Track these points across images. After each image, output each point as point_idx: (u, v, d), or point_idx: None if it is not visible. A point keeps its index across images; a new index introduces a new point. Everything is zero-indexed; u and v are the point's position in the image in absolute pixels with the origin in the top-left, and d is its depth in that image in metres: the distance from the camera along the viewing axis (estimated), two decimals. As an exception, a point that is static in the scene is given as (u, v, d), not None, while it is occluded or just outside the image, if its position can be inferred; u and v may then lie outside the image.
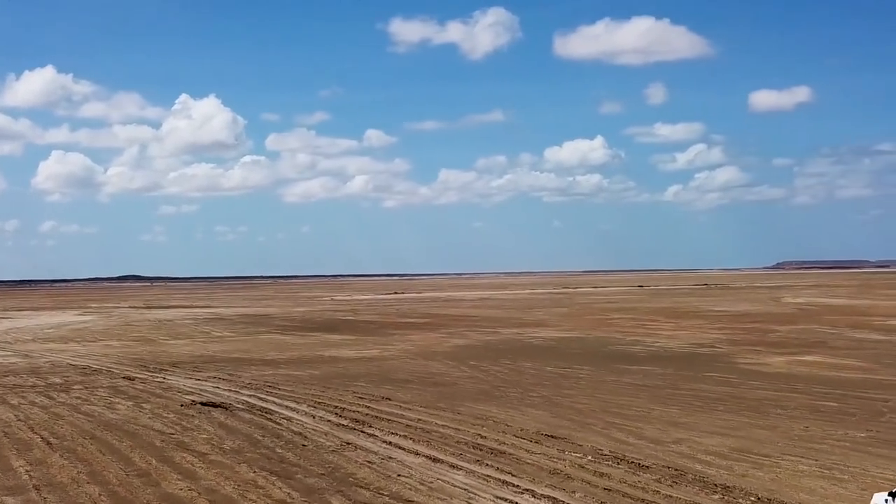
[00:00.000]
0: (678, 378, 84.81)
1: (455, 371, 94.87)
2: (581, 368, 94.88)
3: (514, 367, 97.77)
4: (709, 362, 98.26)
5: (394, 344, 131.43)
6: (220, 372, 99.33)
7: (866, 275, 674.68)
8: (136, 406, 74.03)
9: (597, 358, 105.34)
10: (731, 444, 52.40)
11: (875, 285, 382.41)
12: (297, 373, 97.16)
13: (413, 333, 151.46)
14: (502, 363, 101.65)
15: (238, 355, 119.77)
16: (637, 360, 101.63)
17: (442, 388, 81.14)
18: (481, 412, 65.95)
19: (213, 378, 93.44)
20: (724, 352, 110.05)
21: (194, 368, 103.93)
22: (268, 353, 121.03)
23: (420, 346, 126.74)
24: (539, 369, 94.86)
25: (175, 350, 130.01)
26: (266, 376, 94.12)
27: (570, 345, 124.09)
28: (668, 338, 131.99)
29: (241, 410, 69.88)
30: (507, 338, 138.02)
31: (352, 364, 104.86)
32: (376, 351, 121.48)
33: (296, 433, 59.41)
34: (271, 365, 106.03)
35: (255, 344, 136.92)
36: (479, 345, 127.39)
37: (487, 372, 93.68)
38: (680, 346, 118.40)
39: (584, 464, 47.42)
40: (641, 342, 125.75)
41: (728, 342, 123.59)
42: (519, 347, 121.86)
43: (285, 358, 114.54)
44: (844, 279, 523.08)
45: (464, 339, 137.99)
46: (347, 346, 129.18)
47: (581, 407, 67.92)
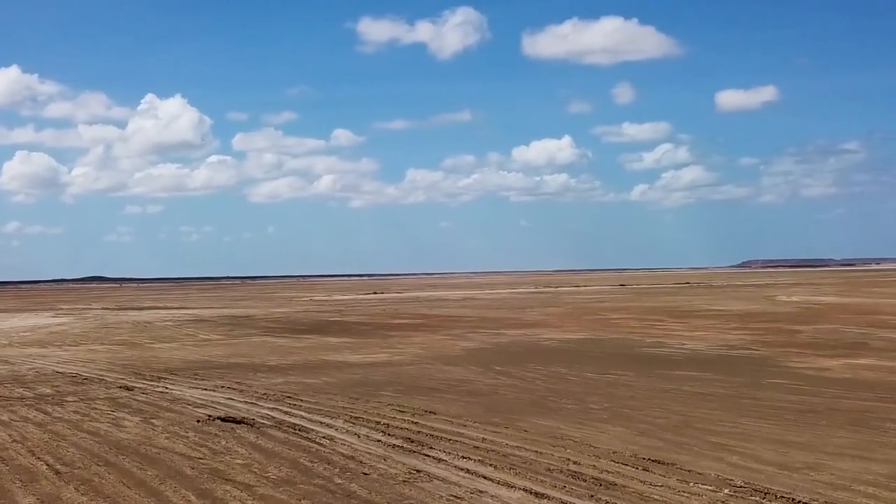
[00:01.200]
0: (739, 385, 76.76)
1: (485, 378, 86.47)
2: (624, 374, 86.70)
3: (548, 372, 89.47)
4: (758, 366, 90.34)
5: (399, 347, 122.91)
6: (225, 380, 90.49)
7: (843, 273, 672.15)
8: (145, 423, 65.06)
9: (631, 362, 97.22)
10: (880, 469, 44.15)
11: (857, 283, 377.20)
12: (310, 380, 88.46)
13: (413, 335, 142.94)
14: (531, 368, 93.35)
15: (236, 360, 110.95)
16: (677, 365, 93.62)
17: (483, 399, 72.70)
18: (550, 429, 57.48)
19: (220, 387, 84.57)
20: (764, 354, 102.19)
21: (195, 376, 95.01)
22: (268, 358, 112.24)
23: (429, 350, 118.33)
24: (578, 375, 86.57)
25: (166, 355, 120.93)
26: (278, 385, 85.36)
27: (589, 347, 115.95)
28: (689, 339, 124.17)
29: (270, 427, 61.08)
30: (516, 340, 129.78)
31: (365, 370, 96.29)
32: (384, 355, 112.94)
33: (347, 457, 50.70)
34: (277, 371, 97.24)
35: (250, 348, 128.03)
36: (491, 348, 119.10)
37: (522, 378, 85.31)
38: (711, 348, 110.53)
39: (725, 499, 38.93)
40: (665, 344, 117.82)
41: (760, 343, 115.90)
42: (536, 350, 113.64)
43: (289, 363, 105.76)
44: (822, 278, 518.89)
45: (471, 341, 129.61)
46: (350, 350, 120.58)
47: (661, 422, 59.55)
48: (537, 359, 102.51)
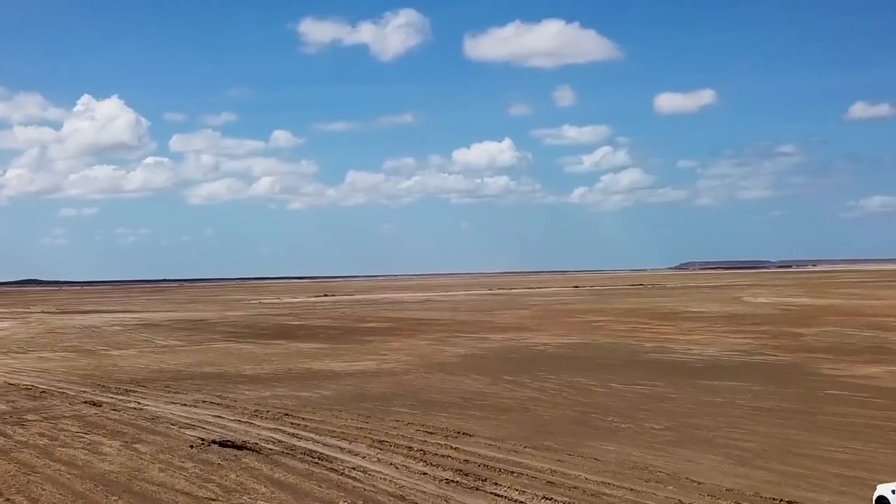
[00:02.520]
0: (797, 398, 68.18)
1: (501, 389, 77.06)
2: (655, 384, 77.77)
3: (567, 382, 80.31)
4: (797, 375, 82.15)
5: (382, 353, 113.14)
6: (204, 393, 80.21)
7: (793, 275, 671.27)
8: (128, 448, 54.76)
9: (651, 370, 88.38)
10: None
11: (815, 285, 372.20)
12: (302, 393, 78.42)
13: (391, 340, 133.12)
14: (545, 378, 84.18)
15: (208, 369, 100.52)
16: (704, 373, 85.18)
17: (516, 416, 63.26)
18: (623, 457, 48.15)
19: (202, 402, 74.31)
20: (791, 361, 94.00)
21: (167, 388, 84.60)
22: (242, 367, 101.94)
23: (418, 356, 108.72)
24: (604, 386, 77.46)
25: (126, 363, 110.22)
26: (268, 399, 75.26)
27: (591, 353, 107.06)
28: (693, 343, 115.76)
29: (281, 455, 51.07)
30: (507, 345, 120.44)
31: (359, 380, 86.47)
32: (370, 362, 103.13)
33: (396, 496, 41.05)
34: (260, 383, 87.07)
35: (218, 355, 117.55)
36: (485, 354, 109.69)
37: (542, 390, 76.02)
38: (726, 354, 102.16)
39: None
40: (670, 349, 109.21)
41: (773, 348, 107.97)
42: (537, 357, 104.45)
43: (269, 373, 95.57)
44: (772, 279, 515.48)
45: (459, 346, 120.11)
46: (330, 357, 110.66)
47: (751, 446, 50.61)
48: (545, 367, 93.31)
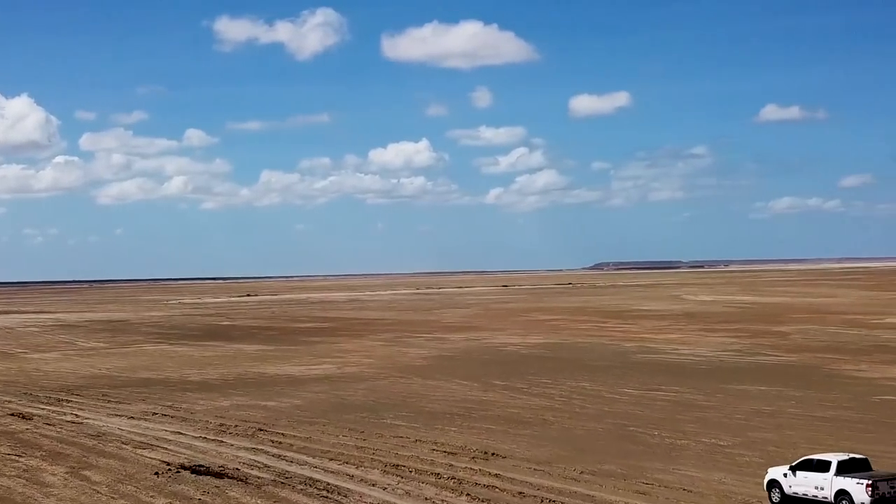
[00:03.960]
0: (857, 405, 59.75)
1: (499, 397, 67.10)
2: (671, 388, 68.77)
3: (572, 388, 70.59)
4: (821, 377, 74.49)
5: (338, 356, 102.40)
6: (151, 403, 68.67)
7: (718, 274, 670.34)
8: (76, 477, 43.37)
9: (652, 372, 79.41)
10: None
11: (746, 283, 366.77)
12: (268, 402, 67.22)
13: (339, 341, 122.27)
14: (542, 383, 74.57)
15: (145, 374, 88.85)
16: (716, 376, 77.06)
17: (540, 430, 53.22)
18: (717, 486, 38.74)
19: (152, 414, 62.84)
20: (802, 361, 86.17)
21: (104, 397, 72.95)
22: (185, 372, 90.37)
23: (379, 358, 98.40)
24: (617, 392, 68.09)
25: (51, 367, 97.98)
26: (229, 410, 64.08)
27: (573, 354, 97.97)
28: (675, 343, 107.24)
29: (275, 485, 40.22)
30: (471, 346, 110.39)
31: (327, 386, 75.82)
32: (329, 366, 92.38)
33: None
34: (212, 390, 75.83)
35: (151, 358, 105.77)
36: (453, 355, 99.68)
37: (549, 397, 66.10)
38: (720, 355, 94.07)
39: None
40: (655, 349, 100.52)
41: (767, 347, 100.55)
42: (514, 359, 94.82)
43: (218, 378, 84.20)
44: (699, 278, 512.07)
45: (419, 347, 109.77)
46: (279, 360, 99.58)
47: (869, 469, 40.13)
48: (531, 370, 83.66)
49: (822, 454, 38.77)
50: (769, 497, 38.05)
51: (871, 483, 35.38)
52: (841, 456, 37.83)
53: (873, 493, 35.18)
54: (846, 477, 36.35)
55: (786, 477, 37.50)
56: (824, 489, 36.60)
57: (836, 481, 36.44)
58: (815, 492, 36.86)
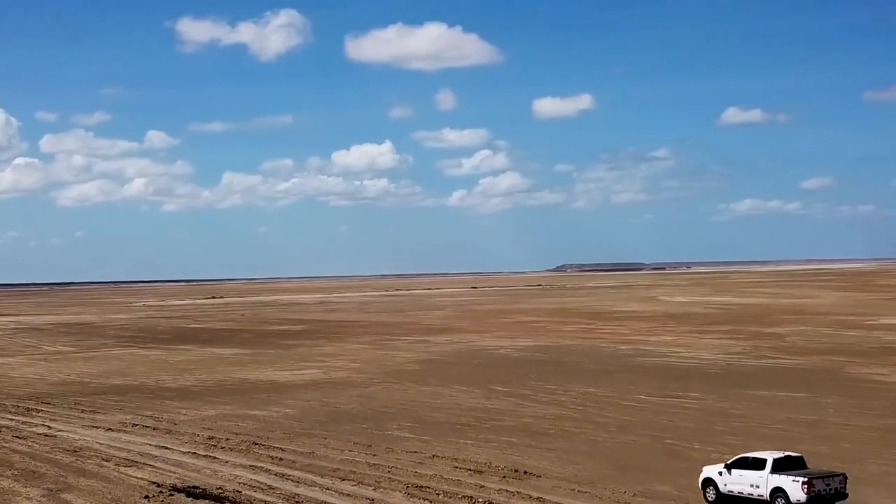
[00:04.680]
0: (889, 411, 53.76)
1: (507, 405, 62.53)
2: (694, 395, 64.51)
3: (584, 395, 66.09)
4: (845, 382, 70.90)
5: (321, 360, 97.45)
6: (129, 412, 63.29)
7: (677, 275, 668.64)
8: (53, 500, 38.85)
9: (666, 378, 75.02)
10: None
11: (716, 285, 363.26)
12: (256, 412, 61.97)
13: (319, 345, 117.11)
14: (546, 389, 70.49)
15: (119, 381, 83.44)
16: (733, 381, 72.87)
17: (567, 444, 48.57)
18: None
19: (132, 426, 57.53)
20: (808, 365, 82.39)
21: (77, 405, 67.51)
22: (160, 378, 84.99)
23: (365, 362, 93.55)
24: (633, 399, 63.41)
25: (16, 372, 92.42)
26: (216, 420, 58.77)
27: (568, 357, 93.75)
28: (671, 346, 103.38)
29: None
30: (458, 349, 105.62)
31: (317, 393, 70.81)
32: (315, 371, 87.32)
33: None
34: (193, 398, 70.49)
35: (122, 362, 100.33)
36: (442, 359, 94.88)
37: (563, 406, 61.44)
38: (725, 358, 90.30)
39: None
40: (653, 352, 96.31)
41: (770, 350, 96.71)
42: (508, 363, 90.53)
43: (197, 384, 78.89)
44: (667, 279, 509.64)
45: (405, 351, 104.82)
46: (259, 365, 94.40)
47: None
48: (531, 375, 79.21)
49: (757, 452, 38.56)
50: (704, 496, 37.69)
51: (808, 481, 35.09)
52: (776, 454, 37.53)
53: (809, 491, 34.89)
54: (782, 475, 36.01)
55: (721, 475, 37.26)
56: (760, 487, 36.31)
57: (771, 479, 36.10)
58: (751, 490, 36.56)
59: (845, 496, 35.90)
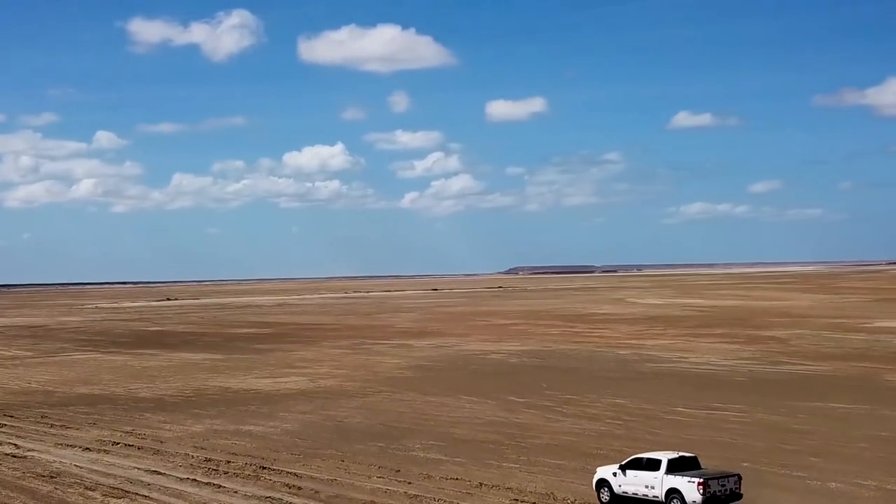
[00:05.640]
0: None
1: (531, 418, 55.96)
2: (747, 410, 57.80)
3: (613, 406, 59.58)
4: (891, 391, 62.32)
5: (300, 366, 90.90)
6: (105, 427, 56.25)
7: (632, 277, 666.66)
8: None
9: (691, 386, 69.64)
10: None
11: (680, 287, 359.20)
12: (251, 427, 54.98)
13: (294, 349, 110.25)
14: (565, 399, 63.77)
15: (86, 390, 76.34)
16: (766, 390, 67.18)
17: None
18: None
19: (112, 444, 50.50)
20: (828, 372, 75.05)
21: (46, 420, 60.23)
22: (132, 386, 77.78)
23: (352, 369, 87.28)
24: (672, 411, 56.65)
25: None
26: (207, 437, 51.88)
27: (570, 364, 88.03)
28: (674, 350, 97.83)
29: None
30: (448, 354, 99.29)
31: (313, 405, 64.18)
32: (300, 378, 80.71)
33: None
34: (173, 409, 63.49)
35: (87, 369, 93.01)
36: (434, 365, 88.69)
37: (596, 419, 55.33)
38: (740, 364, 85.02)
39: None
40: (658, 357, 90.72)
41: (782, 355, 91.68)
42: (508, 370, 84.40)
43: (175, 394, 71.81)
44: (623, 282, 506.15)
45: (390, 356, 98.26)
46: (238, 371, 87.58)
47: None
48: (541, 383, 73.47)
49: (651, 452, 38.24)
50: (598, 497, 37.32)
51: (703, 482, 34.80)
52: (671, 454, 37.19)
53: (704, 492, 34.61)
54: (677, 475, 35.67)
55: (615, 476, 37.01)
56: (655, 488, 36.02)
57: (666, 480, 35.78)
58: (646, 490, 36.26)
59: (740, 497, 35.29)
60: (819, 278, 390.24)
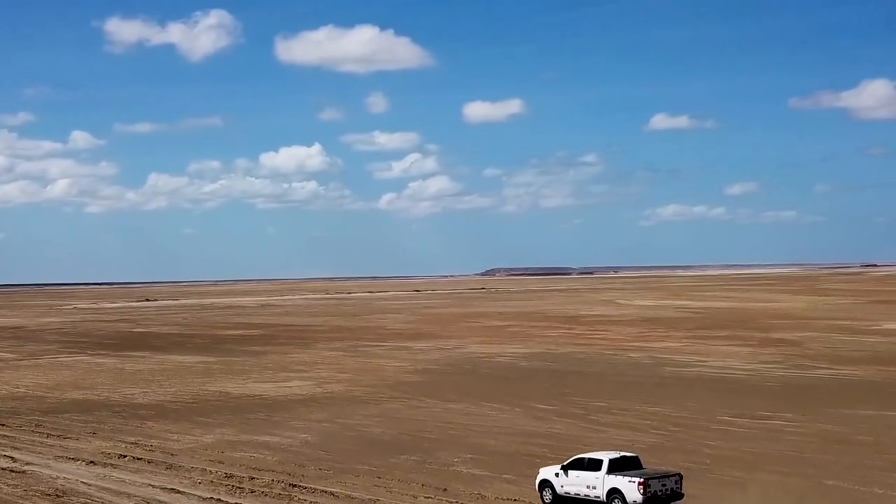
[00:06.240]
0: None
1: (568, 427, 52.39)
2: (799, 419, 53.74)
3: (651, 415, 55.57)
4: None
5: (301, 370, 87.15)
6: (106, 437, 52.03)
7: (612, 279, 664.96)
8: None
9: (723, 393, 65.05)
10: None
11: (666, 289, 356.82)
12: (266, 437, 51.03)
13: (289, 352, 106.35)
14: (595, 407, 59.92)
15: (78, 395, 72.10)
16: (803, 397, 61.12)
17: (699, 488, 37.27)
18: None
19: (119, 457, 46.31)
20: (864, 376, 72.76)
21: (40, 428, 56.04)
22: (127, 391, 73.66)
23: (355, 372, 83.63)
24: (729, 423, 52.61)
25: (-47, 386, 79.75)
26: (221, 449, 47.77)
27: (589, 368, 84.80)
28: (693, 354, 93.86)
29: None
30: (453, 357, 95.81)
31: (326, 413, 60.43)
32: (304, 382, 77.08)
33: None
34: (177, 418, 59.47)
35: (75, 373, 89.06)
36: (443, 369, 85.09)
37: (640, 430, 51.53)
38: (765, 370, 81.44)
39: None
40: (679, 362, 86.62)
41: (803, 359, 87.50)
42: (525, 375, 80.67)
43: (173, 399, 67.99)
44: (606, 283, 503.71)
45: (394, 360, 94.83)
46: (234, 375, 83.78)
47: None
48: (562, 389, 69.61)
49: (594, 452, 38.31)
50: (541, 498, 37.42)
51: (643, 481, 34.87)
52: (612, 454, 37.30)
53: (645, 492, 34.70)
54: (618, 475, 35.79)
55: (558, 476, 37.09)
56: (596, 488, 36.12)
57: (608, 480, 35.90)
58: (588, 491, 36.36)
59: (681, 496, 35.33)
60: (799, 280, 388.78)
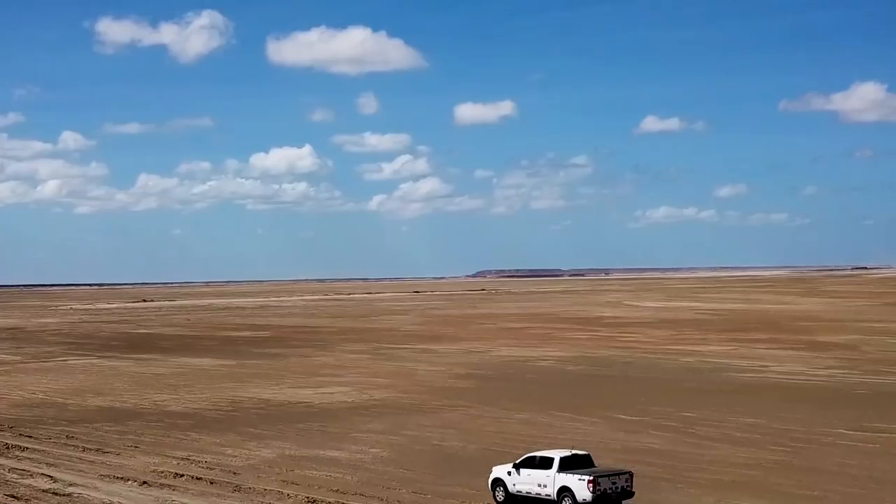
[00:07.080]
0: None
1: (661, 442, 47.64)
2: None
3: (755, 428, 50.12)
4: None
5: (333, 375, 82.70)
6: (151, 452, 46.59)
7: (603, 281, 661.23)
8: None
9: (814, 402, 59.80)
10: None
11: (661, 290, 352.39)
12: (332, 452, 46.10)
13: (307, 354, 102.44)
14: (678, 417, 54.95)
15: (101, 402, 66.97)
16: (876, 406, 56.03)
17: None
18: None
19: (174, 476, 41.23)
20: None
21: (72, 440, 50.85)
22: (154, 397, 68.51)
23: (396, 377, 78.98)
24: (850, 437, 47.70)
25: (-38, 391, 74.24)
26: (290, 469, 42.60)
27: (638, 372, 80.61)
28: (749, 359, 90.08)
29: None
30: (491, 360, 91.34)
31: (384, 422, 55.43)
32: (344, 388, 72.34)
33: None
34: (220, 427, 54.39)
35: (91, 377, 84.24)
36: (487, 374, 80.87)
37: (752, 445, 47.11)
38: (837, 375, 75.72)
39: None
40: (735, 367, 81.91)
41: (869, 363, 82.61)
42: (576, 380, 76.40)
43: (209, 407, 62.67)
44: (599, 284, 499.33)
45: (422, 363, 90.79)
46: (264, 380, 79.58)
47: None
48: (626, 396, 64.25)
49: (545, 451, 38.05)
50: (493, 496, 37.34)
51: (593, 479, 34.78)
52: (563, 452, 37.12)
53: (595, 490, 34.59)
54: (569, 473, 35.65)
55: (510, 475, 37.01)
56: (547, 486, 35.94)
57: (558, 478, 35.71)
58: (539, 489, 36.19)
59: (632, 494, 35.25)
60: (795, 283, 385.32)
